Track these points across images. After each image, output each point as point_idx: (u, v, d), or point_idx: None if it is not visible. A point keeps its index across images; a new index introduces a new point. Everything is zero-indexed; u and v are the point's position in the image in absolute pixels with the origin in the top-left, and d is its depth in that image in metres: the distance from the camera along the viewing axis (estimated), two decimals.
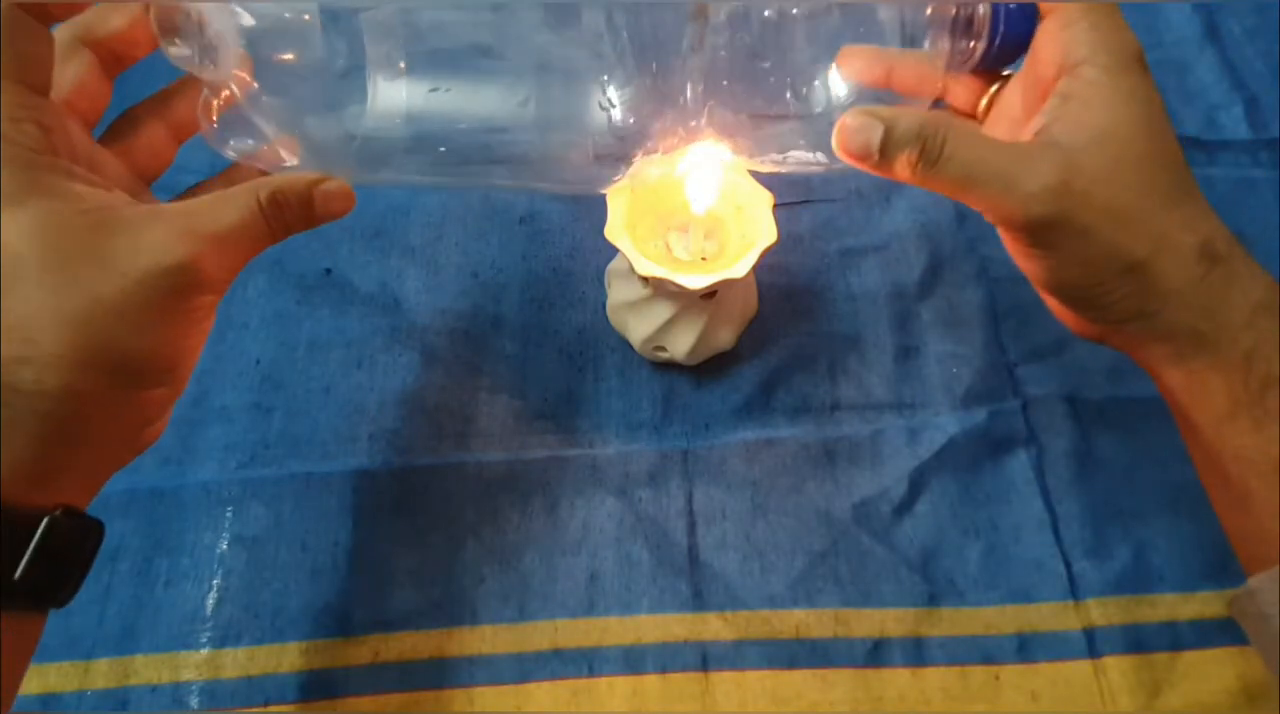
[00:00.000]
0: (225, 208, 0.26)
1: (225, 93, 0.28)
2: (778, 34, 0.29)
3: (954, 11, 0.29)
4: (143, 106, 0.30)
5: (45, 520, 0.24)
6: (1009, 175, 0.26)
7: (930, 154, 0.27)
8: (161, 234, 0.25)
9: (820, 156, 0.31)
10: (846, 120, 0.27)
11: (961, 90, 0.32)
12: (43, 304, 0.23)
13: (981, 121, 0.31)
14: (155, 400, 0.27)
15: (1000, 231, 0.29)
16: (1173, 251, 0.27)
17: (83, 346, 0.23)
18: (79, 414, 0.24)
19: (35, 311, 0.23)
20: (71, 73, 0.27)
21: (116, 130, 0.29)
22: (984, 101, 0.31)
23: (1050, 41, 0.28)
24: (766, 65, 0.29)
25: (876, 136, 0.27)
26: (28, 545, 0.23)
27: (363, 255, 0.45)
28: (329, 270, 0.45)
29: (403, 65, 0.28)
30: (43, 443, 0.23)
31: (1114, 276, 0.27)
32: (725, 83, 0.30)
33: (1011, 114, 0.31)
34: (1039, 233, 0.27)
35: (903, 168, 0.27)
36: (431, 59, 0.28)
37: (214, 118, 0.28)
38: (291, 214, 0.27)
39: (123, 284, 0.24)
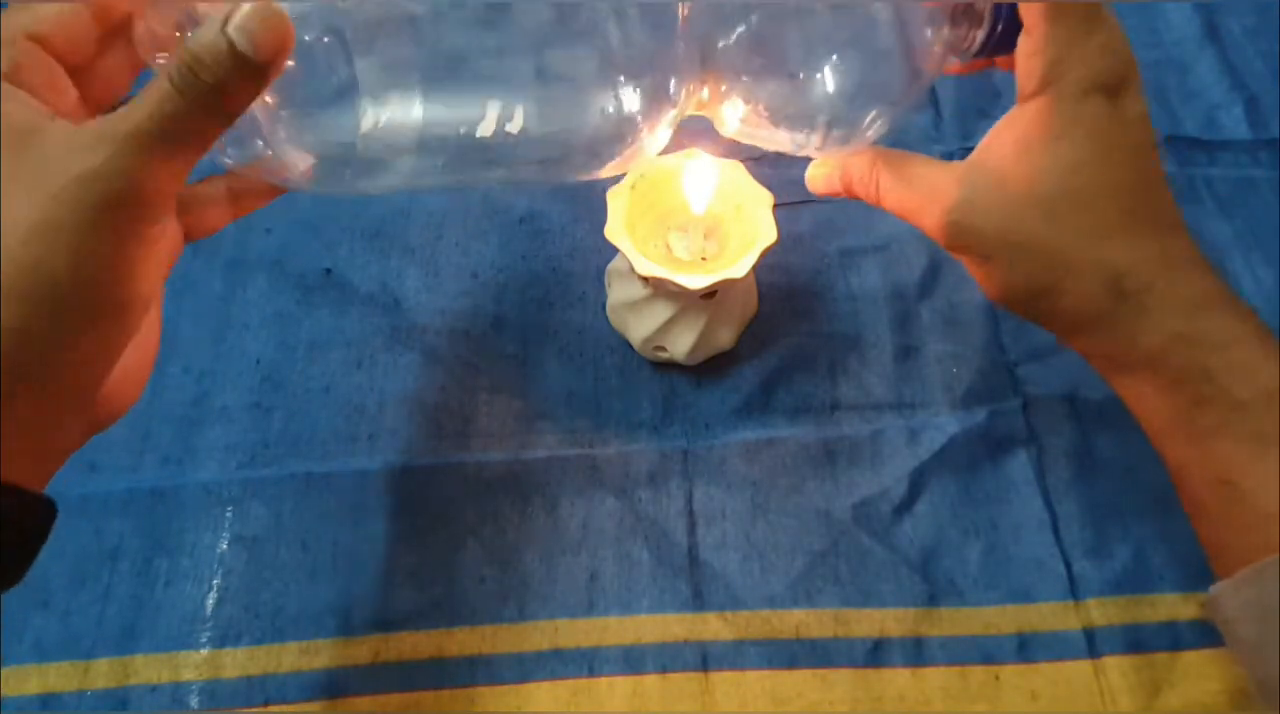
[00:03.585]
0: (142, 100, 0.22)
1: None
2: (777, 22, 0.29)
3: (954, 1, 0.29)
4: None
5: None
6: (924, 209, 0.31)
7: (871, 193, 0.32)
8: (76, 144, 0.22)
9: (815, 140, 0.31)
10: (812, 171, 0.34)
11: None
12: None
13: None
14: (104, 342, 0.24)
15: None
16: (1076, 284, 0.29)
17: (4, 276, 0.21)
18: (17, 353, 0.22)
19: None
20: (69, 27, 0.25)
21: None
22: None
23: (1020, 65, 0.29)
24: (766, 51, 0.30)
25: (837, 182, 0.33)
26: None
27: (363, 255, 0.46)
28: (329, 270, 0.45)
29: (402, 71, 0.27)
30: None
31: (1026, 298, 0.30)
32: (725, 68, 0.30)
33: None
34: (959, 253, 0.31)
35: (866, 199, 0.33)
36: (428, 62, 0.27)
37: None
38: (212, 73, 0.22)
39: (39, 200, 0.22)
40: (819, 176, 0.34)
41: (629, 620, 0.37)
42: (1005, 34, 0.29)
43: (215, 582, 0.38)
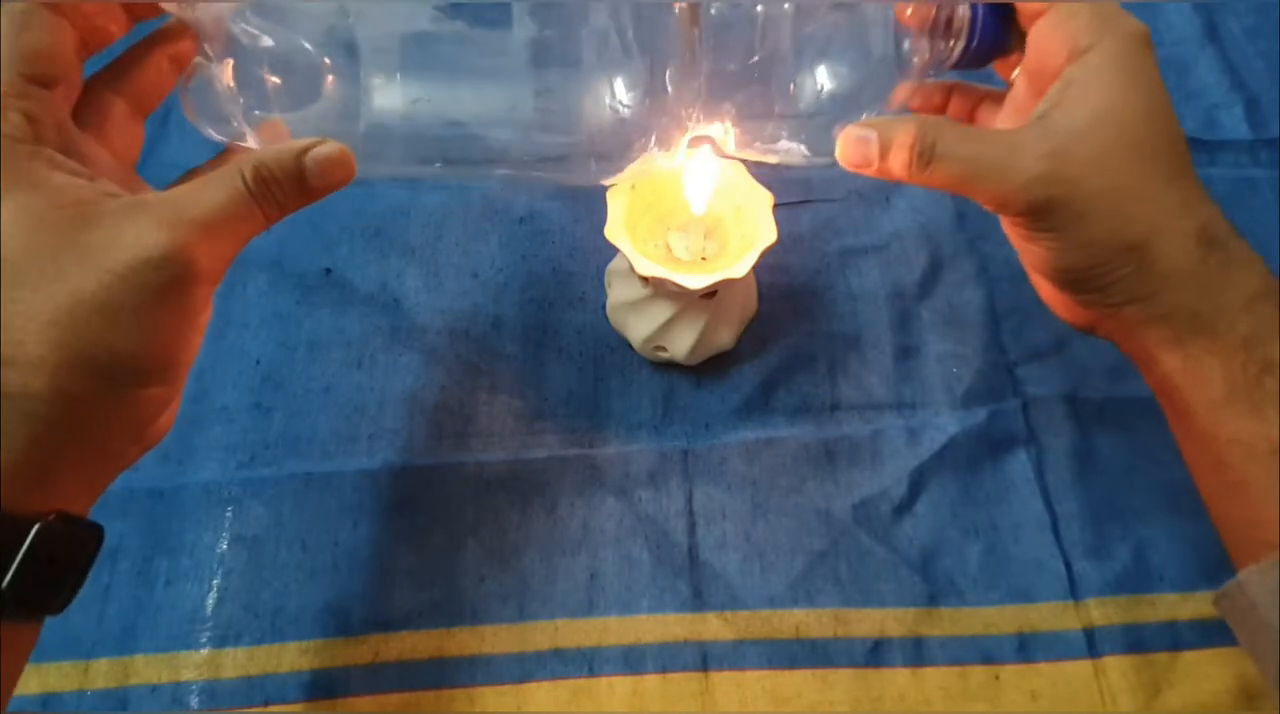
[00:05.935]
0: (209, 191, 0.25)
1: (214, 70, 0.27)
2: (769, 31, 0.29)
3: (933, 14, 0.29)
4: (100, 82, 0.28)
5: (36, 527, 0.23)
6: (1001, 166, 0.27)
7: (923, 156, 0.28)
8: (143, 225, 0.24)
9: (805, 149, 0.31)
10: (846, 135, 0.29)
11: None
12: (26, 303, 0.23)
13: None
14: (153, 399, 0.26)
15: (1003, 220, 0.30)
16: (1171, 233, 0.27)
17: (68, 346, 0.23)
18: (71, 416, 0.23)
19: (19, 311, 0.23)
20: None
21: (84, 116, 0.27)
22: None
23: (1057, 29, 0.28)
24: (758, 61, 0.30)
25: (874, 148, 0.29)
26: (16, 553, 0.23)
27: (363, 255, 0.45)
28: (329, 270, 0.45)
29: (398, 68, 0.27)
30: (34, 447, 0.23)
31: (1114, 257, 0.28)
32: (719, 79, 0.30)
33: (1018, 102, 0.31)
34: (1038, 217, 0.28)
35: (900, 171, 0.29)
36: (427, 61, 0.28)
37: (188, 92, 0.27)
38: (281, 191, 0.26)
39: (105, 280, 0.23)
40: (853, 141, 0.29)
41: (629, 620, 0.37)
42: (981, 47, 0.30)
43: (215, 582, 0.38)
